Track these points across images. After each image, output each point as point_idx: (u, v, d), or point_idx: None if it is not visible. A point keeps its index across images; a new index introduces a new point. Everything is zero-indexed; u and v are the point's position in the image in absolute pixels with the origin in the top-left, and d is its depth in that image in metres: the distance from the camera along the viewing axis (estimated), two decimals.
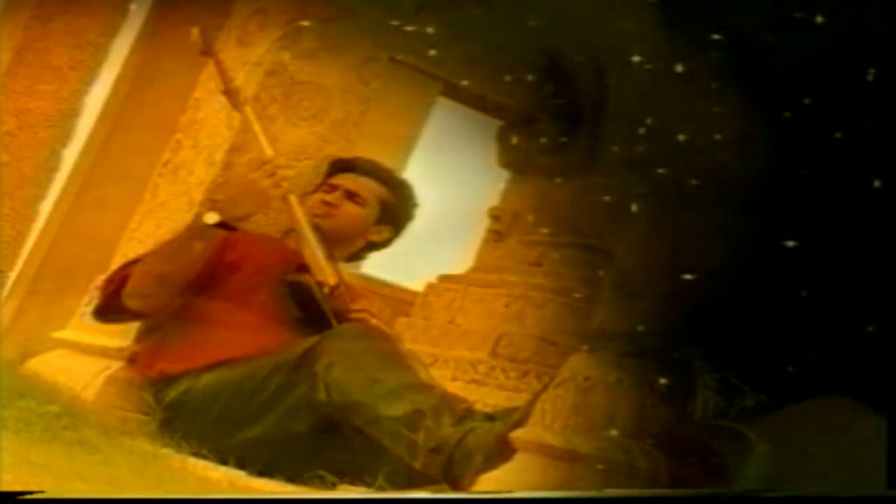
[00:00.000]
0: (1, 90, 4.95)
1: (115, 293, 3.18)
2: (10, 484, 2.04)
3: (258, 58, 3.53)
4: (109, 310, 3.21)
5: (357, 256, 3.51)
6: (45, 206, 5.37)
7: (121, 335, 3.33)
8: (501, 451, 2.60)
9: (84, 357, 3.41)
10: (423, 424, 2.82)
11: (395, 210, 3.45)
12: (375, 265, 3.89)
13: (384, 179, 3.46)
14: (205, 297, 3.22)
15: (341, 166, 3.45)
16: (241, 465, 2.86)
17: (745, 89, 2.57)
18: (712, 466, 2.36)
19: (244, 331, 3.19)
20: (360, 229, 3.41)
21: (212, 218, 3.12)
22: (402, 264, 3.77)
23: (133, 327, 3.30)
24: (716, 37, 2.44)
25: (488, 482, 2.45)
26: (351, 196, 3.39)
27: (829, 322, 2.51)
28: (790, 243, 2.56)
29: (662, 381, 2.40)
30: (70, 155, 5.39)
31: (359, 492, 2.70)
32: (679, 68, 2.53)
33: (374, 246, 3.48)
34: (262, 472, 2.86)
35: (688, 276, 2.55)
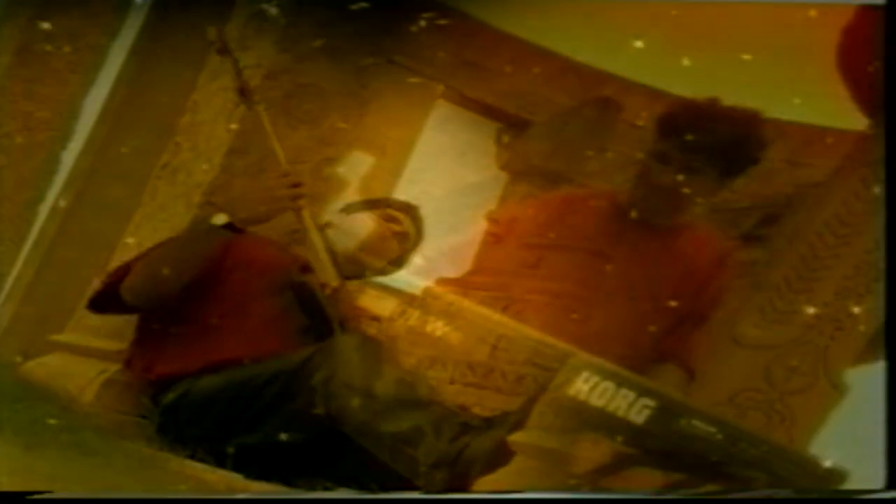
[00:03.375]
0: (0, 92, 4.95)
1: (115, 285, 3.17)
2: (9, 486, 2.04)
3: (257, 60, 3.53)
4: (106, 301, 3.19)
5: (358, 277, 3.53)
6: (44, 209, 5.37)
7: (119, 338, 3.32)
8: (500, 456, 2.60)
9: (82, 360, 3.40)
10: (424, 441, 2.82)
11: (407, 255, 3.48)
12: None
13: (419, 229, 3.49)
14: (205, 299, 3.21)
15: (400, 206, 3.49)
16: (238, 469, 2.86)
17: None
18: (711, 468, 2.36)
19: (242, 334, 3.19)
20: (382, 264, 3.44)
21: (220, 219, 3.09)
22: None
23: (130, 329, 3.29)
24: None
25: (486, 484, 2.45)
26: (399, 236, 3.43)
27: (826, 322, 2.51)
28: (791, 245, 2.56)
29: (661, 382, 2.40)
30: (69, 157, 5.39)
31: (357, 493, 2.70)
32: (685, 62, 2.54)
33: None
34: (259, 478, 2.85)
35: (685, 278, 2.55)
